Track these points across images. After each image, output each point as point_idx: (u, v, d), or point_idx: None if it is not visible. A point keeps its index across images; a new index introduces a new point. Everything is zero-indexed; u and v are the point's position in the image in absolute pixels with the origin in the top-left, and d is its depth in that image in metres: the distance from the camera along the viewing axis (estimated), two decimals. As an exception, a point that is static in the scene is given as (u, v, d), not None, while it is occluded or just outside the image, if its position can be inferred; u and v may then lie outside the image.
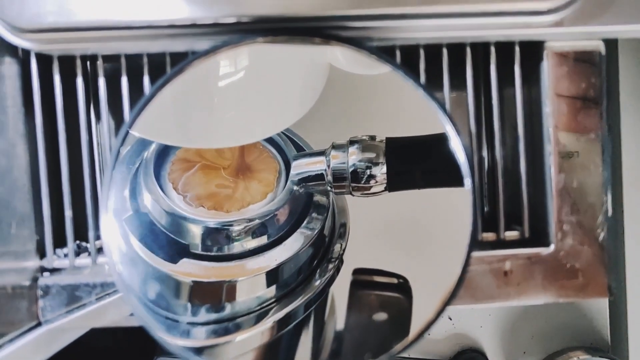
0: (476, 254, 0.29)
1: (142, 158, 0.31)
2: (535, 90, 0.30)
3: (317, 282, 0.30)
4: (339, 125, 0.31)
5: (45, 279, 0.30)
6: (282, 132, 0.32)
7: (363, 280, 0.30)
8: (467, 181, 0.23)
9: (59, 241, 0.31)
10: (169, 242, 0.30)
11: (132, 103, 0.29)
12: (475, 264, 0.29)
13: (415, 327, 0.24)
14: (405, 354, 0.46)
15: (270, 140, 0.32)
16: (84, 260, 0.31)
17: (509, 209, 0.32)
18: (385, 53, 0.25)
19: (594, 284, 0.29)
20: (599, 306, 0.44)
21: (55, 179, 0.30)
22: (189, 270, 0.30)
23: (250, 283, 0.30)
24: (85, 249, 0.32)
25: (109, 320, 0.30)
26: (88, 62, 0.32)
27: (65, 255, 0.31)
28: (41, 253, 0.30)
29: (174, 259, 0.30)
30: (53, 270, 0.30)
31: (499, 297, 0.29)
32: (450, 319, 0.45)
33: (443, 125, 0.23)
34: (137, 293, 0.28)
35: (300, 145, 0.32)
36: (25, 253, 0.29)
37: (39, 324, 0.30)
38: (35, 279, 0.30)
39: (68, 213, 0.30)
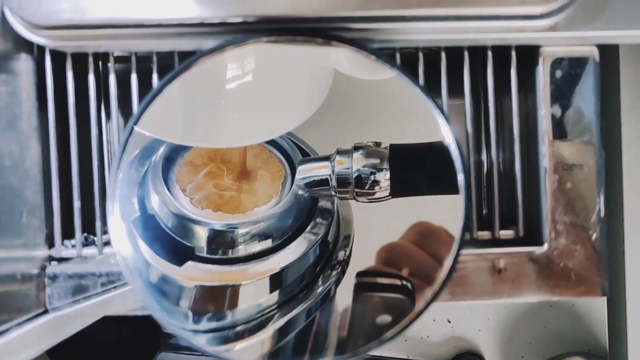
0: (471, 251, 0.30)
1: (150, 161, 0.32)
2: (532, 95, 0.31)
3: (320, 289, 0.31)
4: (344, 131, 0.31)
5: (53, 268, 0.31)
6: (288, 138, 0.32)
7: (366, 282, 0.30)
8: (460, 176, 0.24)
9: (68, 233, 0.32)
10: (174, 245, 0.30)
11: (141, 100, 0.31)
12: (470, 261, 0.30)
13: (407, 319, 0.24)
14: (404, 355, 0.47)
15: (276, 145, 0.33)
16: (90, 250, 0.32)
17: (506, 211, 0.32)
18: (385, 56, 0.26)
19: (586, 283, 0.30)
20: (597, 313, 0.45)
21: (65, 172, 0.31)
22: (193, 274, 0.30)
23: (254, 288, 0.31)
24: (93, 242, 0.33)
25: (114, 309, 0.31)
26: (100, 62, 0.33)
27: (73, 246, 0.32)
28: (50, 243, 0.31)
29: (179, 262, 0.30)
30: (61, 260, 0.31)
31: (493, 294, 0.30)
32: (449, 322, 0.46)
33: (436, 119, 0.24)
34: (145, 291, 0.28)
35: (305, 151, 0.32)
36: (34, 242, 0.30)
37: (45, 311, 0.31)
38: (43, 268, 0.31)
39: (77, 204, 0.31)
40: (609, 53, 0.38)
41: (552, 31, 0.27)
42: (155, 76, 0.31)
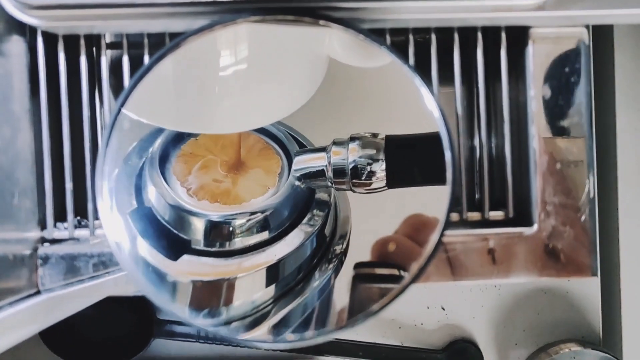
0: (460, 231, 0.30)
1: (148, 153, 0.32)
2: (522, 77, 0.31)
3: (317, 282, 0.31)
4: (340, 123, 0.31)
5: (45, 249, 0.31)
6: (284, 129, 0.32)
7: (363, 274, 0.30)
8: (447, 153, 0.24)
9: (61, 215, 0.32)
10: (171, 238, 0.30)
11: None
12: (459, 242, 0.30)
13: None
14: (398, 342, 0.47)
15: (273, 137, 0.33)
16: (83, 232, 0.32)
17: (499, 195, 0.32)
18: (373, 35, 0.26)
19: (576, 264, 0.30)
20: (591, 300, 0.45)
21: (58, 154, 0.32)
22: (189, 268, 0.30)
23: (251, 280, 0.31)
24: (86, 225, 0.33)
25: (107, 291, 0.31)
26: (94, 48, 0.33)
27: (66, 228, 0.32)
28: (42, 224, 0.32)
29: (174, 256, 0.30)
30: (53, 241, 0.32)
31: (483, 275, 0.30)
32: (444, 309, 0.46)
33: (422, 96, 0.24)
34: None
35: (302, 142, 0.32)
36: (26, 223, 0.31)
37: (38, 292, 0.31)
38: (35, 249, 0.31)
39: (69, 185, 0.31)
40: (603, 35, 0.38)
41: (541, 10, 0.27)
42: (146, 57, 0.31)
